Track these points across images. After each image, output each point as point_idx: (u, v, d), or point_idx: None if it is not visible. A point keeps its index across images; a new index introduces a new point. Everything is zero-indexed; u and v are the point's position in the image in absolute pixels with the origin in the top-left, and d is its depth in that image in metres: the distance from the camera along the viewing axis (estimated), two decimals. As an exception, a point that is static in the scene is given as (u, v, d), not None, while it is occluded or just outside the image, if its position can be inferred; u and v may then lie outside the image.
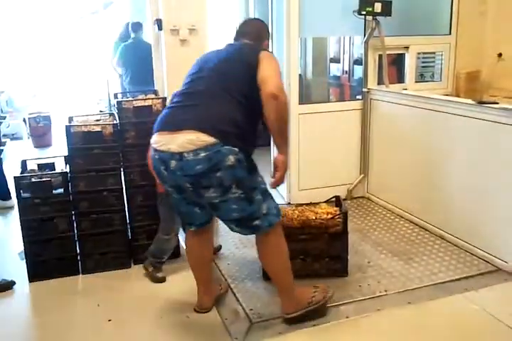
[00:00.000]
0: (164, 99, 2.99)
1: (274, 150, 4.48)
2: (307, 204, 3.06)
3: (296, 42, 3.75)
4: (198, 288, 2.55)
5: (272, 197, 2.36)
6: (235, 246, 3.34)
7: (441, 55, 4.18)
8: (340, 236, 2.81)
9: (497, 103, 2.89)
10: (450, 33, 4.14)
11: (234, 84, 2.19)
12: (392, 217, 3.74)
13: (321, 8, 3.80)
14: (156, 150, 2.15)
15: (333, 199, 3.09)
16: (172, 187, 2.24)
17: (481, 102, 2.92)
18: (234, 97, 2.16)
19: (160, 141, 2.13)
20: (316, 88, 5.09)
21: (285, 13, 3.70)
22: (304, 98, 4.04)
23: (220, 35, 6.95)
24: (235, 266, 3.05)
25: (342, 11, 3.83)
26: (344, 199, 4.10)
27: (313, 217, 2.83)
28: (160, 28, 3.44)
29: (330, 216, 2.83)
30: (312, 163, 4.02)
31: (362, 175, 4.15)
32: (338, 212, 2.85)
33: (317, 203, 3.06)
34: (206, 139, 2.04)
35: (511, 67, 4.04)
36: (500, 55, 4.12)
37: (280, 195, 4.26)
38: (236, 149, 2.10)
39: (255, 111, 2.17)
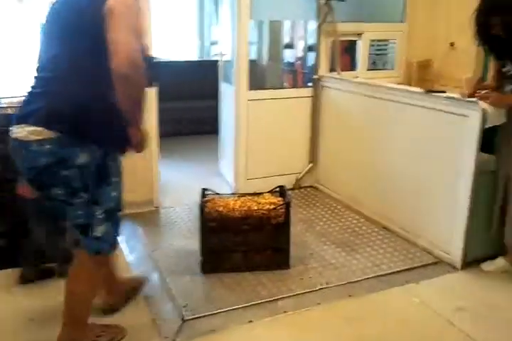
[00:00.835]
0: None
1: (221, 139, 4.35)
2: (250, 195, 2.94)
3: (247, 24, 3.59)
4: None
5: (117, 225, 2.02)
6: (173, 237, 3.20)
7: (395, 43, 4.12)
8: (283, 227, 2.71)
9: (444, 92, 2.84)
10: (403, 21, 4.07)
11: (83, 58, 1.76)
12: (338, 207, 3.68)
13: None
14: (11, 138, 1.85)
15: (278, 189, 2.97)
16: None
17: (428, 91, 2.87)
18: (87, 76, 1.76)
19: (12, 128, 1.84)
20: (270, 74, 4.94)
21: (235, -6, 3.53)
22: (257, 84, 3.90)
23: (166, 15, 6.73)
24: (173, 258, 2.91)
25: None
26: (292, 189, 4.02)
27: (256, 208, 2.72)
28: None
29: (273, 206, 2.72)
30: (261, 151, 3.90)
31: (311, 165, 4.07)
32: (281, 203, 2.75)
33: (261, 193, 2.94)
34: (48, 133, 1.73)
35: (462, 57, 4.00)
36: (452, 44, 4.08)
37: (227, 184, 4.14)
38: (92, 146, 1.79)
39: None
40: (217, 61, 5.85)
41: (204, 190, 2.91)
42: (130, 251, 3.04)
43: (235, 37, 3.65)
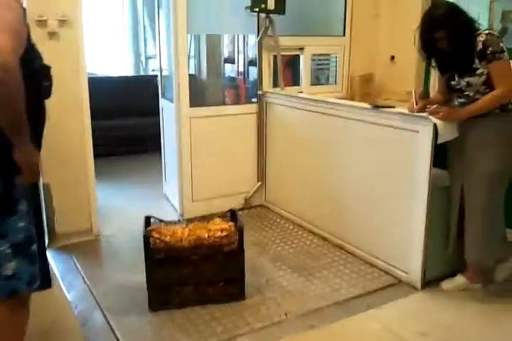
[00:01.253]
0: None
1: (165, 157, 4.13)
2: (200, 220, 2.74)
3: (185, 38, 3.41)
4: None
5: (32, 259, 1.72)
6: (115, 270, 2.93)
7: (336, 57, 4.07)
8: (236, 255, 2.52)
9: (393, 107, 2.78)
10: (344, 35, 4.04)
11: None
12: (291, 227, 3.55)
13: (212, 3, 3.51)
14: None
15: (229, 213, 2.79)
16: None
17: (376, 106, 2.80)
18: None
19: None
20: (210, 89, 4.79)
21: (172, 7, 3.35)
22: (197, 100, 3.73)
23: (98, 29, 6.44)
24: (117, 294, 2.65)
25: (234, 7, 3.57)
26: (241, 209, 3.86)
27: (206, 235, 2.52)
28: (24, 19, 2.91)
29: (224, 233, 2.54)
30: (206, 171, 3.71)
31: (259, 183, 3.92)
32: (233, 229, 2.57)
33: (211, 218, 2.75)
34: None
35: (403, 70, 4.02)
36: (392, 57, 4.10)
37: (172, 208, 3.91)
38: None
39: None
40: (154, 76, 5.65)
41: (148, 218, 2.68)
42: (68, 288, 2.76)
43: (172, 52, 3.46)
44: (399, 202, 2.74)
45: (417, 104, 2.62)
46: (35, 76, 1.61)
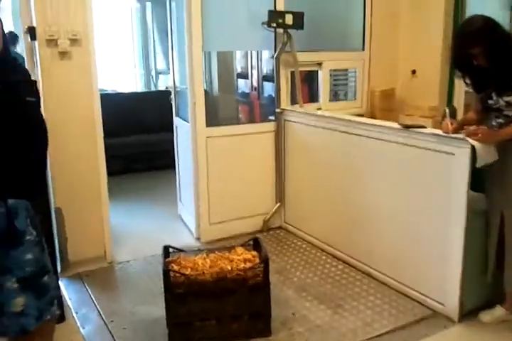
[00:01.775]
0: None
1: (179, 176, 3.99)
2: (221, 249, 2.59)
3: (200, 57, 3.29)
4: None
5: (42, 292, 1.61)
6: (132, 302, 2.78)
7: (355, 72, 3.93)
8: (262, 288, 2.36)
9: (424, 127, 2.62)
10: (364, 49, 3.90)
11: None
12: (313, 251, 3.38)
13: (226, 19, 3.38)
14: None
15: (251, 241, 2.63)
16: None
17: (407, 126, 2.64)
18: None
19: None
20: (224, 106, 4.65)
21: (186, 24, 3.23)
22: (212, 118, 3.60)
23: (107, 44, 6.34)
24: (135, 330, 2.49)
25: (250, 23, 3.44)
26: (260, 231, 3.71)
27: (229, 267, 2.36)
28: (33, 38, 2.81)
29: (248, 265, 2.38)
30: (223, 192, 3.56)
31: (278, 204, 3.76)
32: (257, 260, 2.41)
33: (232, 247, 2.59)
34: None
35: (425, 84, 3.87)
36: (414, 71, 3.95)
37: (188, 230, 3.76)
38: None
39: None
40: (165, 91, 5.54)
41: (166, 247, 2.53)
42: (82, 322, 2.60)
43: (187, 71, 3.33)
44: (433, 228, 2.56)
45: (451, 124, 2.45)
46: (11, 91, 1.48)
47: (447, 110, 2.56)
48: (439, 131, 2.47)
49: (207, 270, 2.35)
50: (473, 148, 2.27)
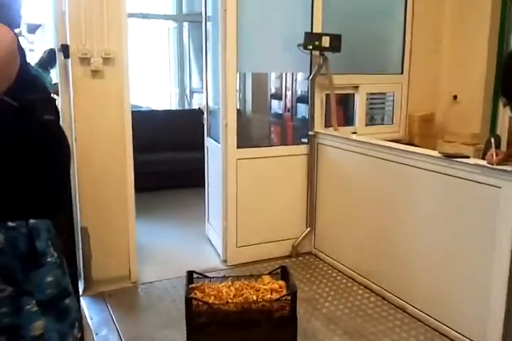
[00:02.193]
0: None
1: (208, 197, 3.93)
2: (246, 277, 2.48)
3: (234, 78, 3.25)
4: None
5: (63, 315, 1.55)
6: (154, 326, 2.69)
7: (393, 95, 3.82)
8: (288, 322, 2.24)
9: (467, 157, 2.48)
10: (402, 73, 3.79)
11: None
12: (344, 281, 3.23)
13: (262, 41, 3.36)
14: None
15: (279, 270, 2.51)
16: None
17: (449, 156, 2.50)
18: None
19: None
20: (256, 127, 4.60)
21: (221, 45, 3.20)
22: (244, 139, 3.53)
23: (143, 61, 6.42)
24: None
25: (285, 44, 3.39)
26: (288, 256, 3.60)
27: (254, 298, 2.25)
28: (66, 56, 2.81)
29: (275, 295, 2.26)
30: (252, 215, 3.48)
31: (308, 229, 3.64)
32: (284, 291, 2.29)
33: (259, 275, 2.49)
34: None
35: (467, 111, 3.73)
36: (455, 97, 3.81)
37: (215, 252, 3.67)
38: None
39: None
40: (197, 110, 5.54)
41: (190, 273, 2.44)
42: (101, 345, 2.53)
43: (220, 91, 3.28)
44: (475, 265, 2.40)
45: (497, 154, 2.30)
46: (28, 109, 1.43)
47: (492, 140, 2.42)
48: (483, 162, 2.32)
49: (231, 299, 2.25)
50: (521, 181, 2.12)
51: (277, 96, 4.79)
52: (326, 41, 3.20)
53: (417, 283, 2.77)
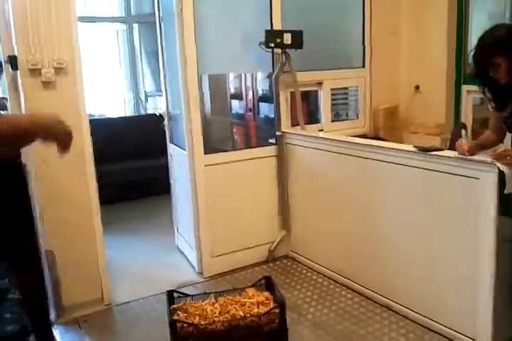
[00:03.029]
0: None
1: (175, 209, 3.78)
2: (229, 292, 2.36)
3: (196, 81, 3.10)
4: None
5: None
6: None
7: (357, 90, 3.77)
8: (279, 335, 2.14)
9: (441, 149, 2.45)
10: (364, 66, 3.75)
11: None
12: (325, 283, 3.16)
13: (221, 41, 3.22)
14: None
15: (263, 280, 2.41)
16: None
17: (423, 149, 2.45)
18: None
19: None
20: (219, 129, 4.45)
21: (179, 47, 3.04)
22: (209, 144, 3.39)
23: (97, 72, 6.16)
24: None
25: (245, 43, 3.27)
26: (265, 262, 3.50)
27: (241, 313, 2.14)
28: (14, 67, 2.60)
29: (262, 309, 2.16)
30: (225, 222, 3.35)
31: (284, 232, 3.55)
32: (271, 303, 2.19)
33: (242, 288, 2.37)
34: None
35: (430, 101, 3.72)
36: (417, 87, 3.80)
37: (188, 263, 3.53)
38: None
39: None
40: (157, 115, 5.35)
41: (171, 292, 2.30)
42: (79, 376, 2.36)
43: (182, 97, 3.14)
44: (460, 257, 2.37)
45: (467, 144, 2.27)
46: None
47: (463, 131, 2.39)
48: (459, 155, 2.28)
49: (217, 317, 2.13)
50: (501, 172, 2.09)
51: (237, 96, 4.66)
52: (287, 38, 3.10)
53: (400, 279, 2.72)
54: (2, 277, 1.37)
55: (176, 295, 2.31)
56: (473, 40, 3.36)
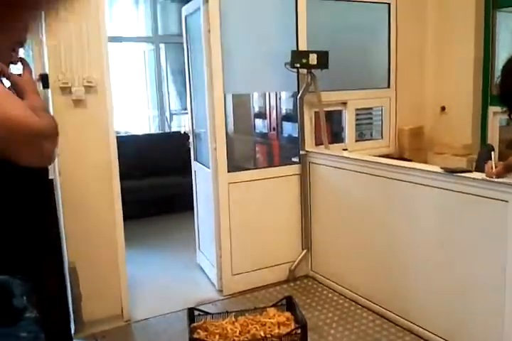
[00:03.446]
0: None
1: (198, 224, 3.79)
2: (250, 311, 2.34)
3: (222, 100, 3.13)
4: None
5: None
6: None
7: (381, 110, 3.76)
8: (299, 357, 2.11)
9: (469, 171, 2.41)
10: (389, 87, 3.75)
11: None
12: (346, 305, 3.11)
13: (247, 61, 3.26)
14: None
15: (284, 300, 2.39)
16: None
17: (450, 171, 2.42)
18: None
19: None
20: (242, 148, 4.48)
21: (206, 67, 3.10)
22: (233, 162, 3.42)
23: (124, 90, 6.29)
24: None
25: (271, 63, 3.31)
26: (286, 281, 3.47)
27: (262, 333, 2.12)
28: (46, 86, 2.67)
29: (283, 329, 2.13)
30: (246, 240, 3.35)
31: (305, 251, 3.52)
32: (292, 324, 2.16)
33: (263, 308, 2.35)
34: None
35: (456, 122, 3.69)
36: (443, 108, 3.77)
37: (209, 281, 3.51)
38: None
39: None
40: (179, 132, 5.42)
41: (191, 310, 2.29)
42: None
43: (208, 115, 3.17)
44: (486, 283, 2.31)
45: (496, 166, 2.23)
46: None
47: (492, 153, 2.35)
48: (485, 176, 2.25)
49: (237, 336, 2.11)
50: (529, 195, 2.05)
51: (261, 115, 4.69)
52: (313, 59, 3.13)
53: (423, 303, 2.66)
54: (21, 295, 1.37)
55: (196, 313, 2.29)
56: (500, 61, 3.35)
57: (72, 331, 2.82)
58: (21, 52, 1.89)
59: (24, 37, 1.35)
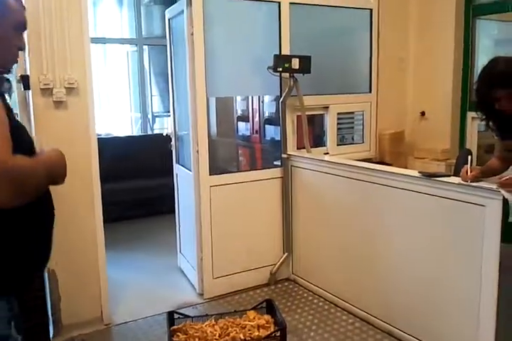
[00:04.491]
0: None
1: (179, 227, 3.78)
2: (230, 314, 2.35)
3: (204, 103, 3.14)
4: None
5: None
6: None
7: (363, 114, 3.81)
8: (279, 359, 2.12)
9: (448, 175, 2.45)
10: (370, 91, 3.79)
11: None
12: (326, 307, 3.13)
13: (229, 64, 3.27)
14: None
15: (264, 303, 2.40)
16: None
17: (428, 175, 2.46)
18: None
19: None
20: (224, 150, 4.48)
21: (189, 70, 3.10)
22: (215, 165, 3.41)
23: (106, 92, 6.25)
24: None
25: (254, 67, 3.32)
26: (267, 284, 3.47)
27: (241, 336, 2.13)
28: (27, 87, 2.64)
29: (263, 332, 2.14)
30: (228, 244, 3.35)
31: (286, 254, 3.54)
32: (271, 326, 2.18)
33: (243, 311, 2.36)
34: None
35: (435, 126, 3.75)
36: (423, 113, 3.83)
37: (190, 284, 3.51)
38: None
39: None
40: (164, 135, 5.40)
41: (171, 313, 2.29)
42: None
43: (190, 119, 3.17)
44: (462, 285, 2.35)
45: (471, 171, 2.27)
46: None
47: (470, 157, 2.40)
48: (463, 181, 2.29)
49: (217, 340, 2.12)
50: (505, 200, 2.09)
51: (244, 118, 4.70)
52: (295, 63, 3.15)
53: (401, 305, 2.70)
54: (8, 322, 1.35)
55: (176, 316, 2.29)
56: (479, 68, 3.41)
57: (51, 334, 2.80)
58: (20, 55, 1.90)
59: (24, 42, 1.53)
